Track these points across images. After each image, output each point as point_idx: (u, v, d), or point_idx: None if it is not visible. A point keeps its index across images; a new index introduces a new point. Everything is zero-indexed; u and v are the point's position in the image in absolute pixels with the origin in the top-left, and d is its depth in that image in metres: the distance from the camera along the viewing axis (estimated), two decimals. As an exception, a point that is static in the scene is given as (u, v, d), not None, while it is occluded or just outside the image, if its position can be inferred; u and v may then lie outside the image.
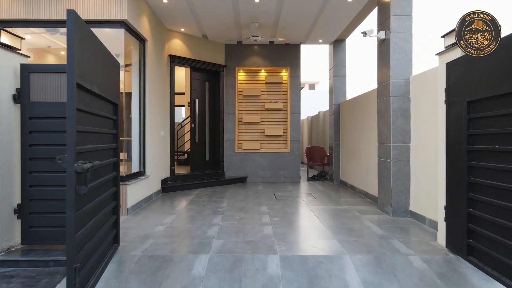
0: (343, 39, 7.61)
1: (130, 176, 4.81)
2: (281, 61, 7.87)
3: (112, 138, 3.05)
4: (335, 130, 7.62)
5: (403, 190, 4.41)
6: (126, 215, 4.48)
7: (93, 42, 2.32)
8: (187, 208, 5.00)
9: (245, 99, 7.93)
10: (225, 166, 7.82)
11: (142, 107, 5.40)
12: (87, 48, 2.14)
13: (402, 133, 4.43)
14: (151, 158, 5.61)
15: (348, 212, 4.71)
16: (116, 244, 3.12)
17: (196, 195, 6.09)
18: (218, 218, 4.34)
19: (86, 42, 2.14)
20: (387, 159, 4.53)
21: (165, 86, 6.55)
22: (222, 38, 7.39)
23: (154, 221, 4.21)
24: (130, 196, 4.59)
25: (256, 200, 5.58)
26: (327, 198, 5.84)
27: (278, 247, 3.20)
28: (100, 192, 2.58)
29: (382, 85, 4.72)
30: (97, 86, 2.36)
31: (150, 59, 5.55)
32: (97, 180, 2.47)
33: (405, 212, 4.41)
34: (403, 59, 4.44)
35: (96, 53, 2.39)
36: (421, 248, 3.18)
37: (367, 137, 5.84)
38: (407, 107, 4.43)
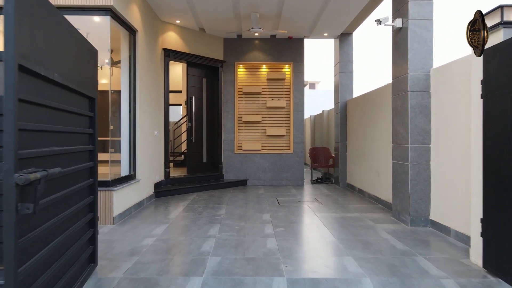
0: (350, 33, 7.12)
1: (118, 180, 4.33)
2: (284, 56, 7.38)
3: (88, 139, 2.57)
4: (342, 129, 7.14)
5: (423, 197, 3.93)
6: (112, 224, 4.00)
7: (52, 16, 1.83)
8: (181, 215, 4.52)
9: (245, 96, 7.44)
10: (224, 168, 7.33)
11: (132, 104, 4.91)
12: (40, 23, 1.66)
13: (422, 133, 3.95)
14: (142, 160, 5.13)
15: (360, 221, 4.23)
16: (92, 264, 2.63)
17: (192, 200, 5.61)
18: (215, 229, 3.86)
19: (40, 14, 1.66)
20: (404, 161, 4.05)
21: (159, 82, 6.06)
22: (220, 31, 6.91)
23: (142, 232, 3.73)
24: (117, 203, 4.11)
25: (257, 206, 5.10)
26: (335, 203, 5.35)
27: (285, 267, 2.72)
28: (67, 205, 2.10)
29: (397, 80, 4.24)
30: (59, 73, 1.88)
31: (141, 52, 5.07)
32: (62, 190, 1.99)
33: (425, 221, 3.92)
34: (423, 49, 3.96)
35: (57, 32, 1.91)
36: (453, 269, 2.70)
37: (378, 137, 5.35)
38: (427, 103, 3.94)
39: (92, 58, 2.62)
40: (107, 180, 4.05)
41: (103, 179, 4.06)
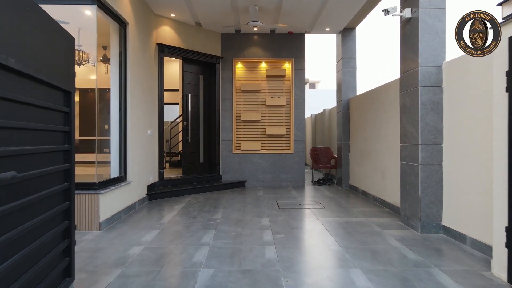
0: (353, 27, 6.82)
1: (106, 183, 4.03)
2: (284, 52, 7.08)
3: (63, 137, 2.27)
4: (344, 128, 6.84)
5: (434, 201, 3.63)
6: (98, 230, 3.70)
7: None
8: (174, 220, 4.22)
9: (243, 94, 7.15)
10: (221, 169, 7.03)
11: (122, 101, 4.62)
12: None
13: (433, 131, 3.65)
14: (134, 160, 4.83)
15: (366, 226, 3.93)
16: (68, 278, 2.34)
17: (187, 203, 5.31)
18: (209, 235, 3.56)
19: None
20: (414, 162, 3.75)
21: (153, 79, 5.76)
22: (217, 25, 6.61)
23: (130, 239, 3.43)
24: (104, 208, 3.81)
25: (256, 210, 4.80)
26: (338, 206, 5.05)
27: (285, 281, 2.42)
28: (33, 214, 1.80)
29: (406, 75, 3.94)
30: (17, 59, 1.58)
31: (132, 46, 4.77)
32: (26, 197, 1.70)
33: (437, 227, 3.63)
34: (434, 41, 3.66)
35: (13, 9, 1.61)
36: (474, 283, 2.40)
37: (383, 136, 5.06)
38: (438, 99, 3.65)
39: (68, 46, 2.32)
40: (93, 183, 3.76)
41: (88, 182, 3.76)
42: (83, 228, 3.69)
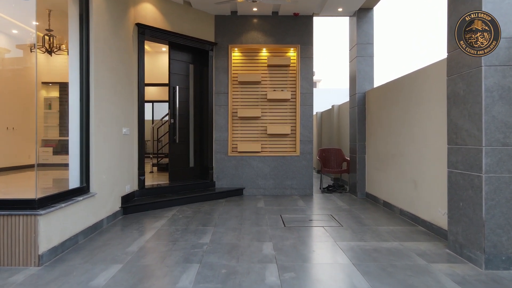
0: (370, 8, 5.79)
1: (54, 197, 3.00)
2: (289, 37, 6.05)
3: None
4: (359, 127, 5.81)
5: (505, 225, 2.61)
6: (37, 266, 2.66)
7: None
8: (147, 247, 3.19)
9: (241, 86, 6.12)
10: (215, 175, 6.00)
11: (84, 90, 3.59)
12: None
13: (503, 128, 2.62)
14: (101, 166, 3.80)
15: (404, 257, 2.90)
16: None
17: (170, 218, 4.28)
18: (190, 274, 2.53)
19: None
20: (473, 171, 2.73)
21: (130, 66, 4.73)
22: (210, 5, 5.58)
23: (76, 281, 2.40)
24: (48, 233, 2.78)
25: (256, 230, 3.77)
26: (358, 224, 4.02)
27: None
28: None
29: (459, 52, 2.91)
30: None
31: (97, 21, 3.75)
32: None
33: (508, 261, 2.60)
34: (504, 2, 2.63)
35: None
36: None
37: (416, 136, 4.03)
38: (511, 84, 2.62)
39: None
40: (31, 199, 2.73)
41: (25, 198, 2.74)
42: (15, 263, 2.66)
